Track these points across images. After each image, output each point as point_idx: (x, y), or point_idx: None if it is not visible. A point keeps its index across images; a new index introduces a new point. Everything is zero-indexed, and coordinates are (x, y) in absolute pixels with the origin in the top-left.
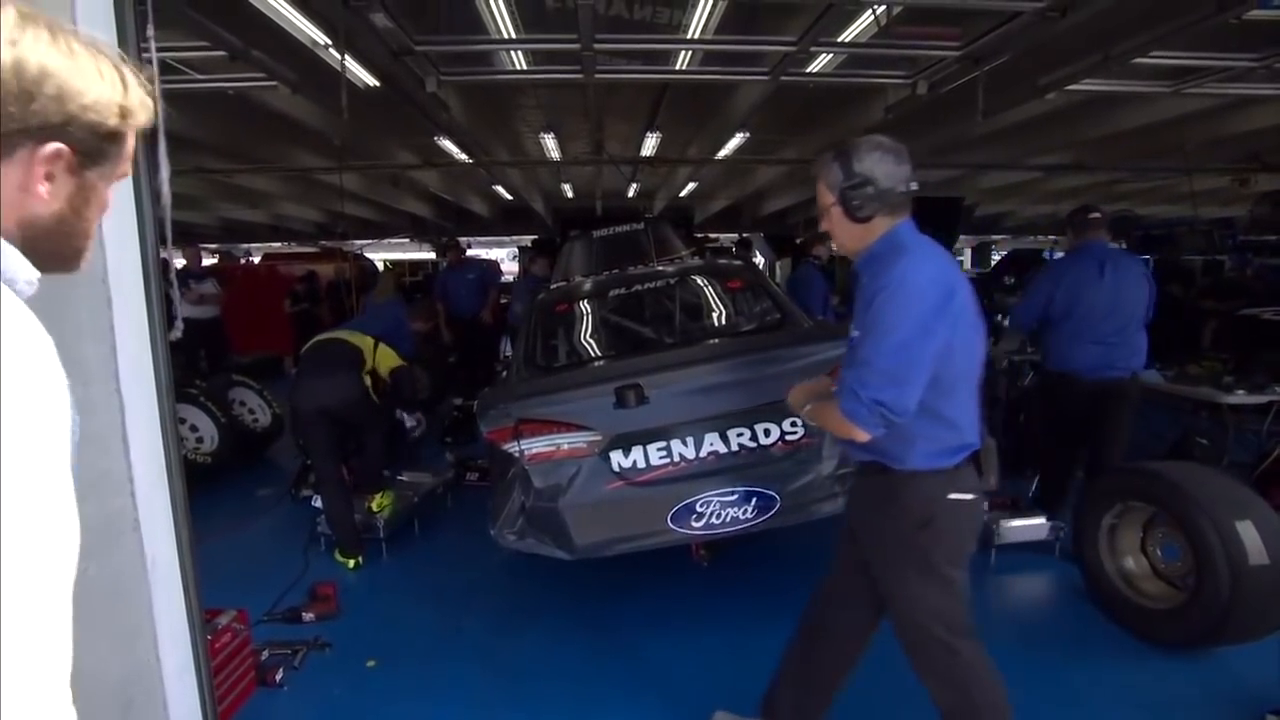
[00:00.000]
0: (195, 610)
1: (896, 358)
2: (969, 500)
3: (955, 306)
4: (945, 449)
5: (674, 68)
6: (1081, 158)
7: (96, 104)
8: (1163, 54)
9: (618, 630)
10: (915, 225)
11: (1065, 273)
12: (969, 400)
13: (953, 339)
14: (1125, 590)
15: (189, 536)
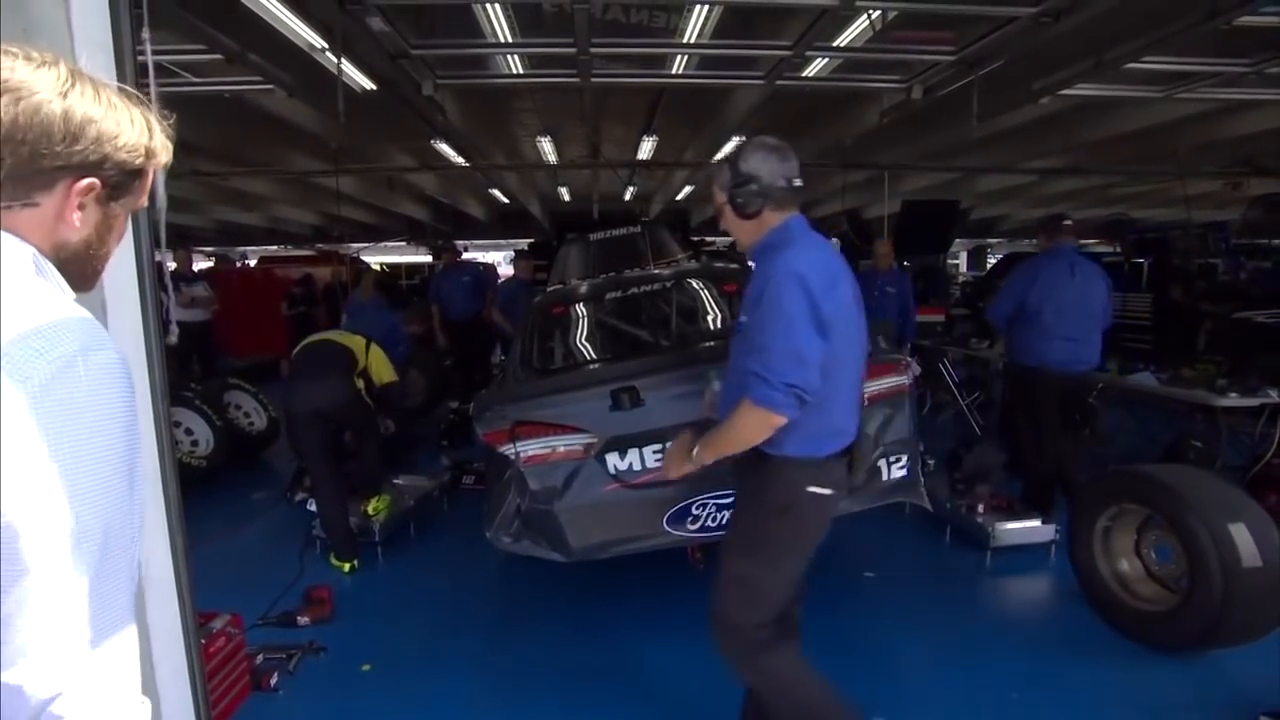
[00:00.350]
0: (189, 615)
1: (795, 340)
2: (827, 495)
3: (838, 295)
4: (818, 435)
5: (670, 72)
6: (1077, 161)
7: (127, 145)
8: (1155, 59)
9: (613, 634)
10: (805, 221)
11: (1039, 273)
12: (848, 391)
13: (833, 327)
14: (1119, 592)
15: (183, 541)
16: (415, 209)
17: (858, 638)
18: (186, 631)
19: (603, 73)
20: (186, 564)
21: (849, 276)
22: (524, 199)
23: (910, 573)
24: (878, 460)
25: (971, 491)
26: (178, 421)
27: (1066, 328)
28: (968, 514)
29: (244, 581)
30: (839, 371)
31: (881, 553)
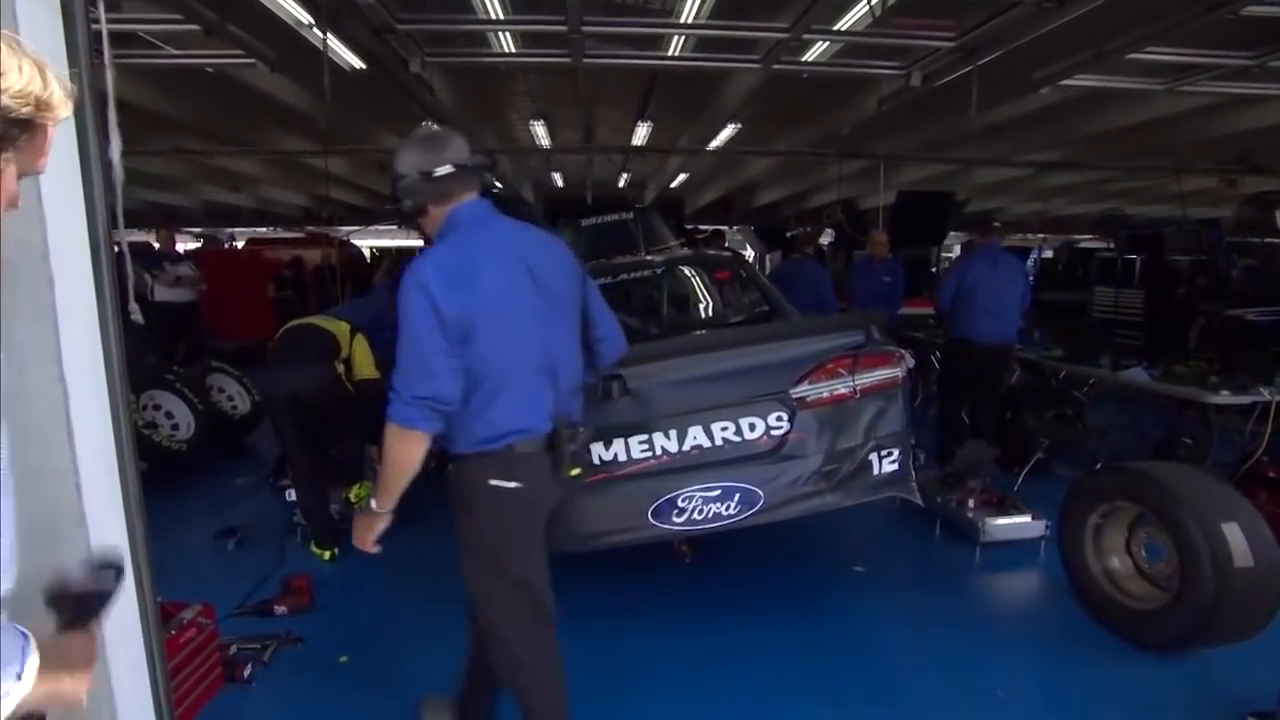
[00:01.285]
0: (149, 605)
1: (420, 350)
2: (510, 488)
3: (480, 287)
4: (488, 436)
5: (665, 53)
6: (1072, 155)
7: (10, 90)
8: (1157, 50)
9: (595, 627)
10: (485, 205)
11: (971, 265)
12: (522, 382)
13: (478, 320)
14: (1109, 590)
15: (143, 530)
16: None
17: (845, 632)
18: (145, 624)
19: (595, 53)
20: (146, 554)
21: (520, 259)
22: (517, 184)
23: (899, 567)
24: (868, 454)
25: (962, 486)
26: (158, 404)
27: (992, 308)
28: (958, 508)
29: (223, 569)
30: (501, 365)
31: (871, 547)
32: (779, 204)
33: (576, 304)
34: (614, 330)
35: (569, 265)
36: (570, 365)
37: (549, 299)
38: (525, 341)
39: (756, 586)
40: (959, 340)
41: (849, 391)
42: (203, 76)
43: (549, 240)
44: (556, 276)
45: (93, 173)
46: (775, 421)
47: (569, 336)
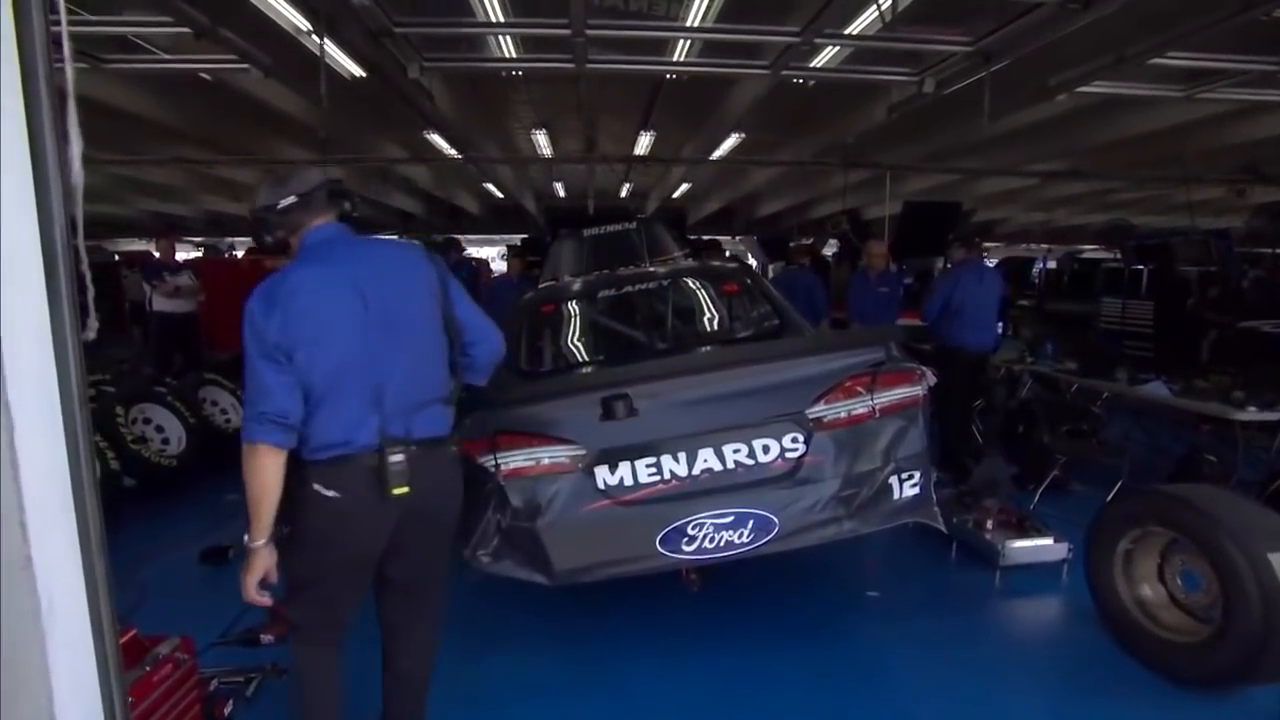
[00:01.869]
0: (109, 655)
1: (251, 372)
2: (330, 496)
3: (298, 309)
4: (321, 445)
5: (669, 59)
6: (1079, 165)
7: None
8: (1180, 55)
9: (597, 655)
10: (332, 230)
11: (959, 279)
12: (338, 397)
13: (297, 340)
14: (1141, 619)
15: (104, 572)
16: (408, 202)
17: (858, 661)
18: (104, 675)
19: (599, 59)
20: (107, 598)
21: (350, 280)
22: (518, 194)
23: (915, 592)
24: (888, 477)
25: (979, 505)
26: (148, 418)
27: (978, 320)
28: (975, 530)
29: (210, 592)
30: (323, 381)
31: (885, 570)
32: (782, 214)
33: (426, 319)
34: (483, 333)
35: (416, 281)
36: (406, 382)
37: (381, 318)
38: (346, 360)
39: (765, 611)
40: (950, 349)
41: (868, 411)
42: (202, 85)
43: (395, 258)
44: (395, 294)
45: (49, 178)
46: (790, 443)
47: (406, 353)
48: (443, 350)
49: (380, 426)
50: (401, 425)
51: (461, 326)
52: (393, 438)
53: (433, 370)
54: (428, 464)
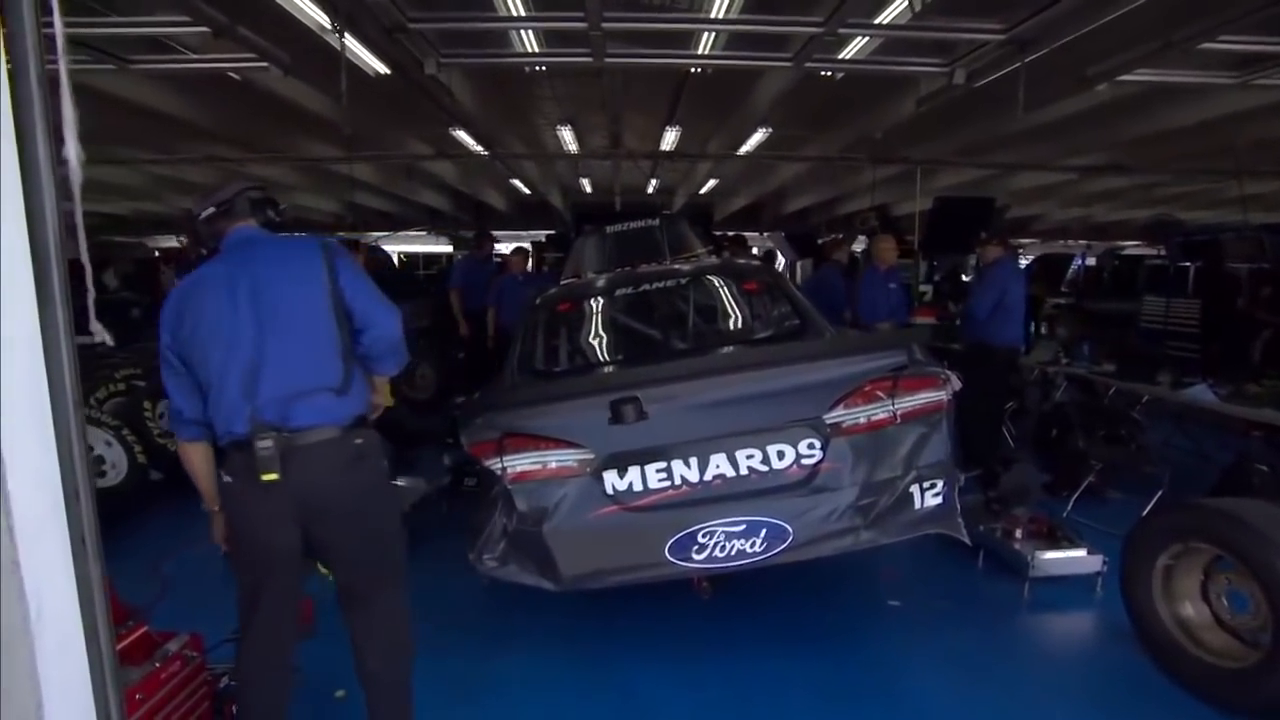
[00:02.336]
0: (105, 661)
1: (164, 380)
2: (228, 482)
3: (193, 314)
4: (219, 433)
5: (691, 52)
6: (1120, 158)
7: None
8: (1232, 39)
9: (607, 662)
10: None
11: (1011, 275)
12: (221, 387)
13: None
14: (1182, 640)
15: (98, 577)
16: (435, 198)
17: (876, 674)
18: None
19: (617, 53)
20: (103, 601)
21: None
22: (545, 190)
23: (939, 603)
24: (909, 486)
25: (1008, 513)
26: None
27: (1017, 315)
28: (1003, 539)
29: (231, 586)
30: (211, 372)
31: (908, 579)
32: (810, 210)
33: (310, 308)
34: (371, 318)
35: (302, 271)
36: (281, 370)
37: (261, 310)
38: (228, 352)
39: (780, 619)
40: (995, 348)
41: (888, 417)
42: (231, 85)
43: (285, 252)
44: (279, 286)
45: (40, 178)
46: (807, 450)
47: (284, 343)
48: (333, 340)
49: (252, 414)
50: (276, 413)
51: (353, 314)
52: (264, 424)
53: (317, 360)
54: (311, 454)
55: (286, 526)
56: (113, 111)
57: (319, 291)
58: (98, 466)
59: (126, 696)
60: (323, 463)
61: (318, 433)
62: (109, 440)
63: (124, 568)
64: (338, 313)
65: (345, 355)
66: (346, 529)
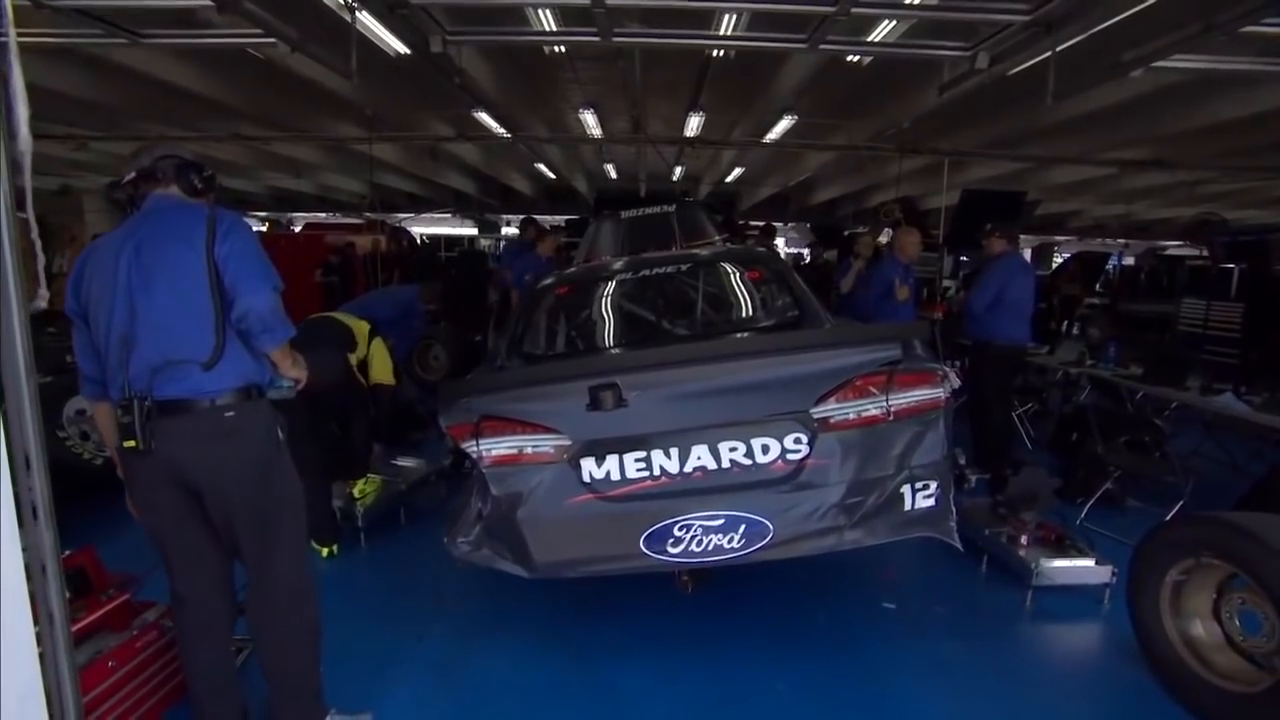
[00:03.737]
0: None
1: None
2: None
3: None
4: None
5: (706, 32)
6: (1163, 153)
7: None
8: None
9: (590, 655)
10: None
11: (1011, 272)
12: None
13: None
14: (1190, 661)
15: (50, 545)
16: (460, 181)
17: (868, 681)
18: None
19: (626, 31)
20: (56, 570)
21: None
22: (570, 175)
23: (936, 607)
24: (900, 486)
25: (1015, 518)
26: None
27: (1025, 313)
28: (1008, 544)
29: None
30: (100, 337)
31: (905, 581)
32: (837, 202)
33: (184, 280)
34: (242, 287)
35: (185, 238)
36: (150, 341)
37: (140, 279)
38: (110, 316)
39: (768, 616)
40: (1006, 347)
41: (881, 413)
42: (253, 62)
43: (171, 220)
44: (158, 255)
45: None
46: (792, 444)
47: (155, 313)
48: (205, 311)
49: (124, 383)
50: (144, 382)
51: (228, 285)
52: (130, 394)
53: (187, 332)
54: (176, 426)
55: (165, 491)
56: (136, 86)
57: (195, 260)
58: None
59: (99, 663)
60: (187, 435)
61: (182, 405)
62: None
63: (124, 536)
64: (213, 283)
65: (218, 328)
66: (221, 502)
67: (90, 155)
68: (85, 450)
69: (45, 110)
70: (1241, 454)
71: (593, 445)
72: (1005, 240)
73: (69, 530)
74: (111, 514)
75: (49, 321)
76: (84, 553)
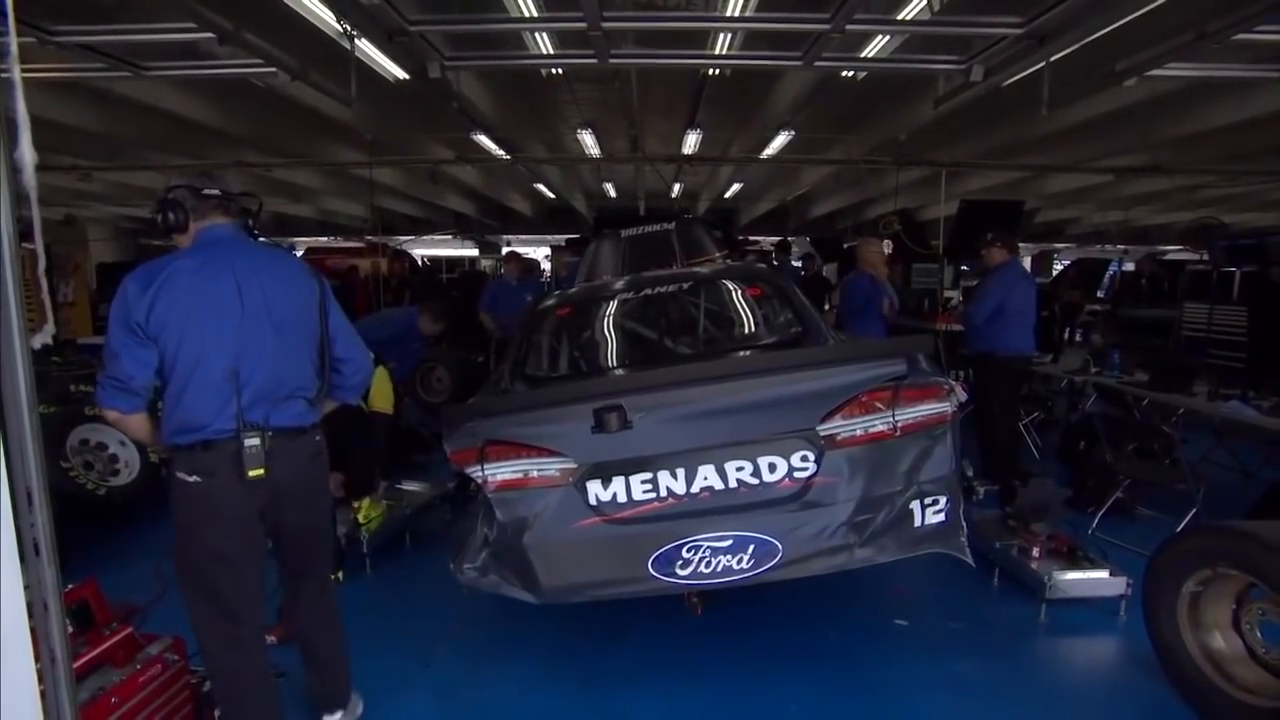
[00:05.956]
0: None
1: (109, 342)
2: (193, 482)
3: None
4: (180, 428)
5: (702, 51)
6: (1159, 159)
7: None
8: (1273, 29)
9: (598, 680)
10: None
11: (1011, 282)
12: (210, 385)
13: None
14: (1212, 674)
15: (53, 582)
16: (461, 203)
17: (882, 701)
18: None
19: (623, 53)
20: (58, 609)
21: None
22: (569, 195)
23: (949, 623)
24: (909, 502)
25: (1026, 530)
26: None
27: (1029, 322)
28: (1020, 557)
29: None
30: (187, 364)
31: (916, 597)
32: (836, 215)
33: (301, 324)
34: (353, 352)
35: (298, 288)
36: (270, 375)
37: (256, 314)
38: (212, 346)
39: (778, 637)
40: (1013, 358)
41: (887, 429)
42: (255, 90)
43: (280, 264)
44: (277, 295)
45: None
46: (799, 462)
47: (276, 350)
48: (313, 357)
49: (238, 413)
50: (260, 413)
51: (334, 342)
52: (250, 424)
53: (301, 370)
54: (286, 451)
55: (254, 518)
56: (140, 117)
57: (311, 314)
58: (111, 465)
59: (102, 700)
60: (297, 457)
61: (294, 432)
62: (123, 439)
63: (129, 566)
64: (322, 337)
65: (322, 372)
66: (307, 516)
67: (95, 185)
68: (89, 480)
69: (50, 142)
70: (1252, 460)
71: (598, 468)
72: (1005, 250)
73: (72, 560)
74: (114, 543)
75: (53, 351)
76: (87, 586)
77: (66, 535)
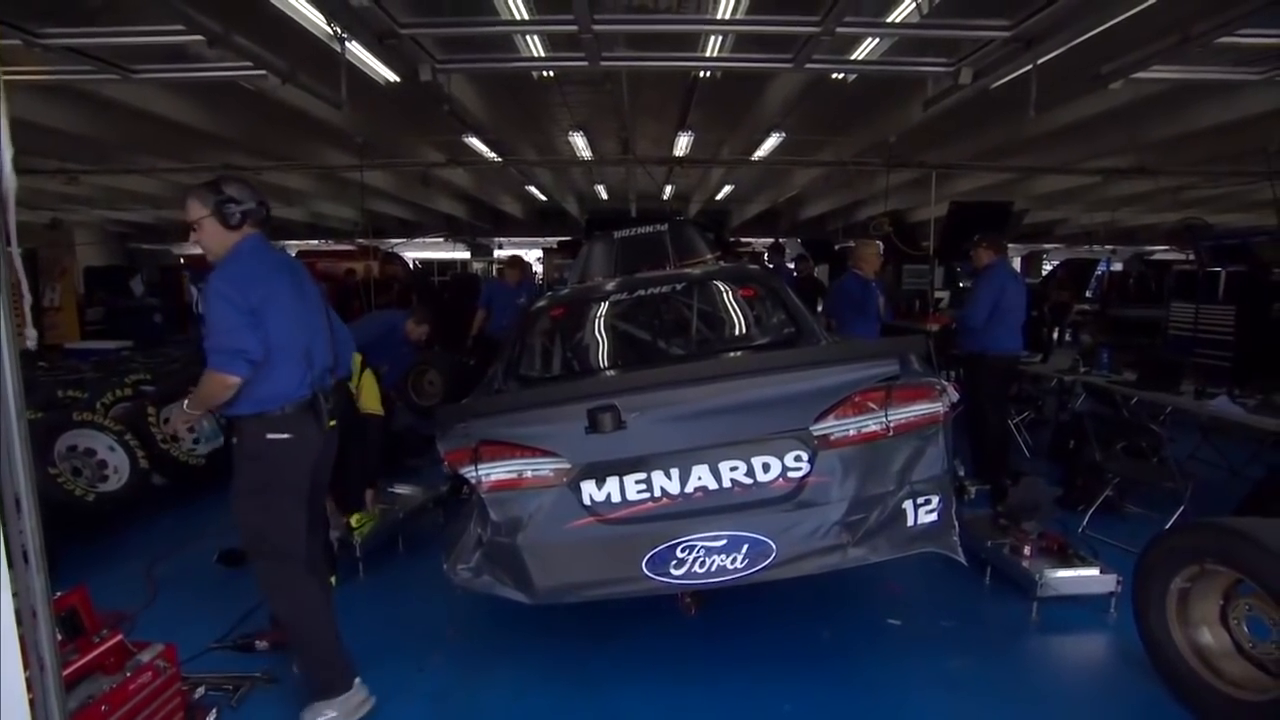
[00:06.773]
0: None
1: (229, 324)
2: (286, 439)
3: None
4: (268, 397)
5: (693, 54)
6: (1145, 161)
7: None
8: (1256, 32)
9: (593, 681)
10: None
11: (1007, 282)
12: (289, 360)
13: (267, 308)
14: (1200, 669)
15: (41, 589)
16: (452, 206)
17: (876, 699)
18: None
19: (612, 56)
20: (46, 613)
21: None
22: (560, 197)
23: (941, 622)
24: (902, 502)
25: (1017, 529)
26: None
27: (1017, 322)
28: (1011, 556)
29: (220, 593)
30: (277, 344)
31: (909, 596)
32: (826, 217)
33: (325, 312)
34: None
35: (315, 286)
36: (321, 352)
37: (305, 303)
38: (292, 329)
39: (772, 637)
40: (1003, 358)
41: (881, 429)
42: (245, 93)
43: (302, 267)
44: (312, 289)
45: None
46: (793, 462)
47: (321, 330)
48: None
49: (312, 381)
50: (322, 380)
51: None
52: (320, 388)
53: (329, 344)
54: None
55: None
56: (127, 120)
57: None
58: (100, 471)
59: (92, 708)
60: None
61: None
62: (112, 445)
63: (118, 572)
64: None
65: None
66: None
67: (82, 189)
68: (78, 486)
69: (37, 145)
70: (1238, 457)
71: (592, 468)
72: (993, 250)
73: (61, 567)
74: (103, 550)
75: (39, 356)
76: (76, 593)
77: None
